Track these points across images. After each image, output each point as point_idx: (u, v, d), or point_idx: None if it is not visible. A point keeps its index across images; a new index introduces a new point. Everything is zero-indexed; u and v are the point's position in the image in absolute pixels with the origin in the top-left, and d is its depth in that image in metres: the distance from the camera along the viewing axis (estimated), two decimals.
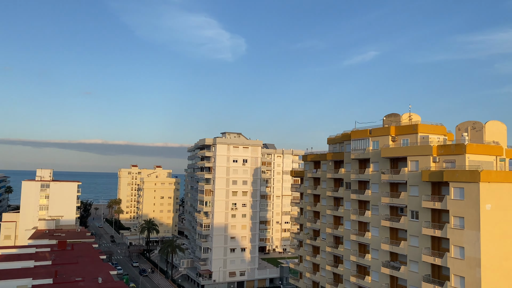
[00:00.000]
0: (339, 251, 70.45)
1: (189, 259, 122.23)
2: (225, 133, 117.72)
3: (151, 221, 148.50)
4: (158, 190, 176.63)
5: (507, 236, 44.98)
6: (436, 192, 51.63)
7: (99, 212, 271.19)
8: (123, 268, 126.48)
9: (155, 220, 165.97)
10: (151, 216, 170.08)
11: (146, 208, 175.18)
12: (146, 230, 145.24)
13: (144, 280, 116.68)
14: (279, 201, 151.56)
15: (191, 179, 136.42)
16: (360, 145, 65.73)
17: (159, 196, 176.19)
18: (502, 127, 54.46)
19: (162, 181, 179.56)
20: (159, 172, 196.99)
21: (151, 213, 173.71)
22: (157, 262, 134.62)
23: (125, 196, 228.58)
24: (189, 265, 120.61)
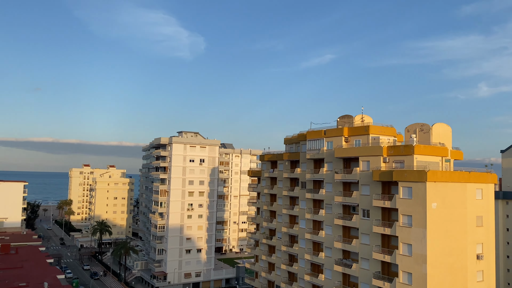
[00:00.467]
0: (294, 250, 71.24)
1: (143, 261, 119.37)
2: (182, 132, 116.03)
3: (104, 223, 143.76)
4: (111, 190, 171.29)
5: (451, 233, 47.20)
6: (386, 191, 53.35)
7: (48, 214, 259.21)
8: (73, 272, 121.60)
9: (108, 221, 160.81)
10: (103, 218, 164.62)
11: (99, 209, 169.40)
12: (98, 231, 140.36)
13: (96, 283, 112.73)
14: (236, 201, 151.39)
15: (146, 179, 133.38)
16: (315, 145, 66.80)
17: (112, 196, 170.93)
18: (447, 129, 57.15)
19: (116, 181, 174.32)
20: (113, 172, 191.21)
21: (103, 214, 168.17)
22: (110, 264, 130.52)
23: (77, 196, 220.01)
24: (143, 267, 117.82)
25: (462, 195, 48.47)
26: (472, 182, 49.47)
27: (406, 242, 47.90)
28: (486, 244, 50.57)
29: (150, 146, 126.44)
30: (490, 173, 52.21)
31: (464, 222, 48.32)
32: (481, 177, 50.63)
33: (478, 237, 49.64)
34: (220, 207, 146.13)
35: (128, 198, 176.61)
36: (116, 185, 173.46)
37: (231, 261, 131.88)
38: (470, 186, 49.19)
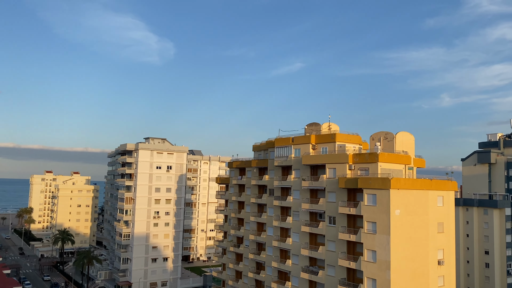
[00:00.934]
0: (261, 258, 70.91)
1: (107, 270, 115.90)
2: (149, 138, 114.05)
3: (66, 231, 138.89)
4: (75, 198, 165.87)
5: (414, 239, 48.24)
6: (352, 198, 54.05)
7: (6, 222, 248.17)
8: (32, 283, 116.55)
9: (71, 230, 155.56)
10: (66, 226, 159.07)
11: (61, 217, 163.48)
12: (60, 240, 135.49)
13: None
14: (205, 208, 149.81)
15: (111, 186, 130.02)
16: (283, 152, 67.03)
17: (76, 204, 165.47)
18: (410, 137, 58.70)
19: (80, 189, 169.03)
20: (76, 178, 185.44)
21: (66, 223, 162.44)
22: (72, 275, 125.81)
23: (38, 204, 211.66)
24: (107, 277, 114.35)
25: (424, 202, 49.74)
26: (433, 190, 50.88)
27: (370, 249, 48.56)
28: (447, 249, 51.97)
29: (116, 152, 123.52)
30: (451, 181, 53.89)
31: (426, 229, 49.53)
32: (442, 185, 52.17)
33: (439, 243, 50.98)
34: (188, 215, 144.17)
35: (93, 206, 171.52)
36: (80, 193, 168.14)
37: (198, 270, 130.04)
38: (431, 193, 50.57)
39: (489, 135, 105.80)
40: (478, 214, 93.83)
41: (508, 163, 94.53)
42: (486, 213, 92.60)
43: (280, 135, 69.78)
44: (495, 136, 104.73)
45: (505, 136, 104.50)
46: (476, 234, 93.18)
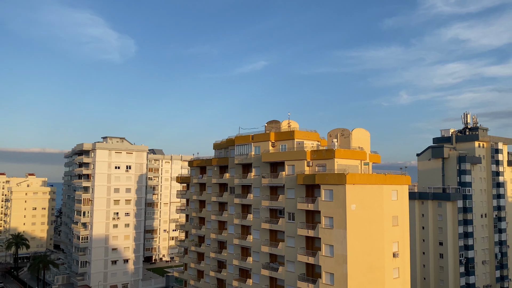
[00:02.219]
0: (222, 256, 70.62)
1: (64, 275, 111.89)
2: (107, 137, 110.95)
3: (20, 235, 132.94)
4: (30, 200, 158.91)
5: (369, 233, 49.43)
6: (310, 194, 54.73)
7: None
8: None
9: (26, 234, 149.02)
10: (21, 230, 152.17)
11: (15, 221, 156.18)
12: (14, 245, 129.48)
13: None
14: (167, 208, 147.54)
15: (69, 187, 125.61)
16: (243, 150, 66.98)
17: (31, 207, 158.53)
18: (366, 134, 60.10)
19: (35, 191, 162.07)
20: (32, 180, 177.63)
21: (21, 227, 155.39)
22: (27, 281, 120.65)
23: None
24: (65, 282, 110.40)
25: (379, 196, 51.07)
26: (388, 184, 52.32)
27: (328, 244, 49.36)
28: (401, 242, 53.61)
29: (72, 153, 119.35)
30: (405, 175, 55.60)
31: (381, 222, 50.88)
32: (396, 179, 53.73)
33: (394, 236, 52.50)
34: (150, 215, 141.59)
35: (49, 208, 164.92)
36: (35, 195, 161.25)
37: (161, 271, 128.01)
38: (386, 188, 51.99)
39: (443, 131, 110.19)
40: (433, 207, 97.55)
41: (459, 157, 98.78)
42: (440, 205, 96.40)
43: (240, 133, 69.72)
44: (448, 132, 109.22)
45: (457, 131, 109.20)
46: (431, 226, 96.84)
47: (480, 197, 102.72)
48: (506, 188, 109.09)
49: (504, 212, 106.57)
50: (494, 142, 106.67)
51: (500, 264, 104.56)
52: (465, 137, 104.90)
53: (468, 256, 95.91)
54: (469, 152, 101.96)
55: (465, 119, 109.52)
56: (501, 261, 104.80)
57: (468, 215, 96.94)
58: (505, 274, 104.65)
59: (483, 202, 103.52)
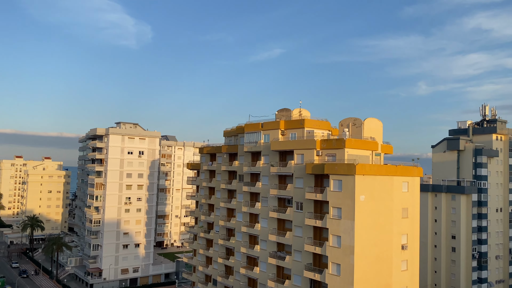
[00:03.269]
0: (230, 244, 70.68)
1: (77, 257, 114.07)
2: (120, 123, 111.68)
3: (35, 217, 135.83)
4: (46, 183, 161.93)
5: (377, 225, 48.59)
6: (319, 184, 53.98)
7: None
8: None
9: (42, 216, 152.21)
10: (36, 212, 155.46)
11: (31, 203, 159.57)
12: (29, 227, 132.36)
13: (24, 282, 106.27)
14: (179, 194, 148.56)
15: (82, 171, 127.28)
16: (253, 138, 66.41)
17: (47, 190, 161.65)
18: (378, 124, 58.77)
19: (50, 174, 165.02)
20: (47, 164, 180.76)
21: (37, 209, 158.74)
22: (42, 262, 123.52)
23: (7, 190, 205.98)
24: (77, 264, 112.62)
25: (389, 187, 50.05)
26: (398, 175, 51.21)
27: (335, 234, 48.73)
28: (410, 234, 52.66)
29: (86, 137, 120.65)
30: (416, 167, 54.37)
31: (390, 214, 49.95)
32: (407, 171, 52.57)
33: (403, 228, 51.57)
34: (162, 201, 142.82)
35: (64, 192, 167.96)
36: (50, 178, 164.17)
37: (172, 256, 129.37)
38: (396, 179, 50.91)
39: (459, 122, 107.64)
40: (446, 200, 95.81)
41: (476, 150, 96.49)
42: (453, 198, 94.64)
43: (250, 120, 69.09)
44: (464, 124, 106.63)
45: (474, 124, 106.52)
46: (444, 219, 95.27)
47: (496, 191, 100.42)
48: None
49: None
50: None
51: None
52: (482, 130, 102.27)
53: (481, 251, 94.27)
54: (486, 145, 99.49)
55: (483, 111, 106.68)
56: None
57: (482, 209, 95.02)
58: None
59: (499, 196, 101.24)
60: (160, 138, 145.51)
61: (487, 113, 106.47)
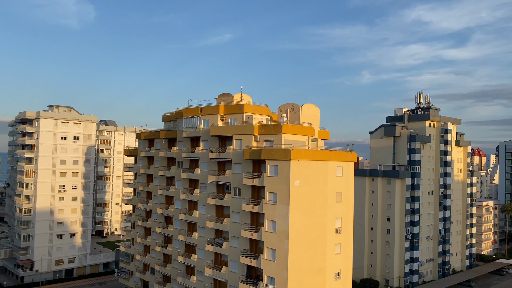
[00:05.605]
0: (169, 231, 69.02)
1: (7, 249, 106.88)
2: (53, 106, 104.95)
3: None
4: None
5: (311, 209, 49.11)
6: (257, 170, 53.61)
7: None
8: None
9: None
10: None
11: None
12: None
13: None
14: (120, 181, 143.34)
15: (12, 158, 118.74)
16: (192, 123, 64.66)
17: None
18: (316, 110, 59.18)
19: None
20: None
21: None
22: None
23: None
24: (7, 256, 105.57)
25: (324, 172, 50.64)
26: (333, 161, 51.94)
27: (271, 219, 48.68)
28: (344, 218, 53.86)
29: (15, 121, 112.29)
30: (351, 152, 55.47)
31: (325, 198, 50.65)
32: (342, 156, 53.46)
33: (338, 212, 52.59)
34: (101, 188, 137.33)
35: None
36: None
37: (112, 245, 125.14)
38: (331, 164, 51.60)
39: (396, 110, 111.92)
40: (382, 184, 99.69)
41: (410, 136, 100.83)
42: (389, 183, 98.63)
43: (189, 105, 67.19)
44: (401, 111, 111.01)
45: (410, 111, 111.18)
46: (380, 203, 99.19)
47: (428, 175, 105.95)
48: (452, 167, 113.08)
49: (450, 190, 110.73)
50: (444, 122, 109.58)
51: (443, 239, 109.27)
52: (416, 117, 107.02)
53: (413, 232, 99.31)
54: (420, 132, 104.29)
55: (418, 98, 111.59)
56: (444, 236, 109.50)
57: (415, 192, 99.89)
58: (447, 249, 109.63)
59: (430, 180, 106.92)
60: (98, 123, 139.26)
61: (422, 101, 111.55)
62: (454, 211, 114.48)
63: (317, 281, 49.38)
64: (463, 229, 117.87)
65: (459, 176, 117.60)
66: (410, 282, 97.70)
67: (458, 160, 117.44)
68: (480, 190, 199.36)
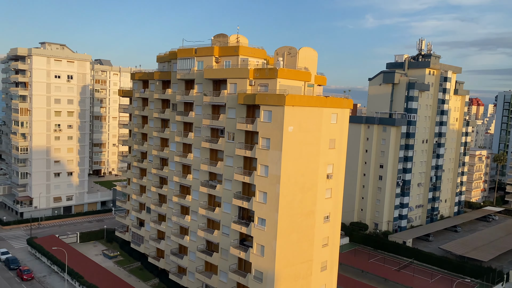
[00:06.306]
0: (164, 173, 69.92)
1: (6, 185, 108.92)
2: (45, 43, 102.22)
3: None
4: None
5: (304, 155, 49.35)
6: (251, 115, 53.19)
7: None
8: None
9: None
10: None
11: None
12: None
13: None
14: (116, 122, 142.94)
15: (7, 95, 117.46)
16: (186, 65, 63.21)
17: None
18: (314, 54, 57.64)
19: None
20: None
21: None
22: None
23: None
24: (6, 192, 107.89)
25: (318, 119, 50.33)
26: (328, 107, 51.40)
27: (263, 164, 49.09)
28: (336, 164, 54.37)
29: (8, 58, 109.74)
30: (347, 99, 54.77)
31: (317, 145, 50.77)
32: (338, 102, 52.85)
33: (330, 158, 52.95)
34: (97, 129, 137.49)
35: None
36: None
37: (109, 184, 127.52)
38: (326, 111, 51.15)
39: (396, 56, 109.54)
40: (378, 131, 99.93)
41: (409, 83, 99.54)
42: (384, 130, 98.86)
43: (184, 45, 65.29)
44: (401, 58, 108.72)
45: (410, 58, 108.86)
46: (374, 150, 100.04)
47: (423, 124, 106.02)
48: (449, 116, 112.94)
49: (444, 138, 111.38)
50: (444, 70, 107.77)
51: (434, 187, 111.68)
52: (417, 64, 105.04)
53: (405, 179, 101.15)
54: (419, 79, 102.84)
55: (419, 45, 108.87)
56: (435, 184, 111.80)
57: (410, 140, 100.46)
58: (437, 196, 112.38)
59: (426, 128, 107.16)
60: (93, 62, 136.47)
61: (424, 48, 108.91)
62: (446, 159, 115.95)
63: (306, 223, 50.83)
64: (454, 177, 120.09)
65: (454, 125, 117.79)
66: (398, 226, 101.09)
67: (455, 109, 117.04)
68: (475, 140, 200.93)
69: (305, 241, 51.05)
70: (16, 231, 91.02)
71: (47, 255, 74.21)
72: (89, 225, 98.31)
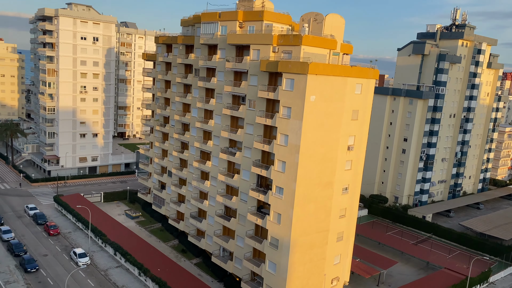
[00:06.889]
0: (185, 138, 70.53)
1: (34, 144, 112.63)
2: (72, 4, 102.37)
3: None
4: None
5: (325, 125, 48.50)
6: (273, 83, 52.41)
7: None
8: None
9: None
10: None
11: None
12: None
13: None
14: (140, 86, 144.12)
15: (35, 56, 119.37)
16: (210, 29, 62.25)
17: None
18: (341, 21, 55.65)
19: (2, 57, 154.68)
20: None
21: None
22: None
23: None
24: (34, 150, 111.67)
25: (342, 89, 49.14)
26: (353, 77, 50.00)
27: (283, 133, 48.67)
28: (358, 136, 53.43)
29: (35, 18, 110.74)
30: (373, 69, 53.13)
31: (340, 115, 49.80)
32: (363, 72, 51.32)
33: (352, 129, 52.02)
34: (122, 92, 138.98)
35: (19, 76, 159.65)
36: (2, 61, 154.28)
37: (133, 147, 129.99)
38: (350, 81, 49.82)
39: (428, 26, 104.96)
40: (404, 104, 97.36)
41: (440, 55, 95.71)
42: (411, 103, 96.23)
43: (208, 9, 64.03)
44: (434, 28, 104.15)
45: (443, 28, 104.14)
46: (399, 123, 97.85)
47: (452, 97, 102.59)
48: (479, 90, 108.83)
49: (473, 113, 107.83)
50: (478, 42, 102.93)
51: (459, 162, 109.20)
52: (449, 34, 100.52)
53: (429, 153, 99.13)
54: (451, 51, 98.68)
55: (454, 15, 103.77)
56: (460, 160, 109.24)
57: (437, 114, 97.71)
58: (461, 172, 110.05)
59: (454, 102, 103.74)
60: (118, 25, 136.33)
61: (458, 18, 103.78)
62: (474, 135, 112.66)
63: (324, 193, 50.70)
64: (481, 154, 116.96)
65: (485, 100, 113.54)
66: (419, 200, 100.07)
67: (487, 83, 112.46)
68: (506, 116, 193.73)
69: (322, 211, 51.11)
70: (43, 188, 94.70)
71: (72, 213, 77.18)
72: (113, 185, 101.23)
